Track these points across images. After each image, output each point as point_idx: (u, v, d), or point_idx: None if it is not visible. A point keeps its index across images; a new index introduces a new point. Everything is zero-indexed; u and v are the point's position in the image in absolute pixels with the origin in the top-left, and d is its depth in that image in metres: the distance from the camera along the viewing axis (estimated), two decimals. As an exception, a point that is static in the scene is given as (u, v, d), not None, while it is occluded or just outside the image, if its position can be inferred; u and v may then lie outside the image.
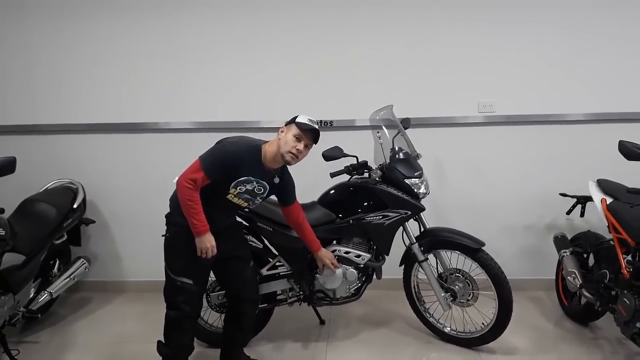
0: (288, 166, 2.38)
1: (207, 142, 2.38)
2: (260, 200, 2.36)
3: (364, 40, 3.36)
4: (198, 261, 2.26)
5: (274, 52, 3.41)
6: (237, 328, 2.56)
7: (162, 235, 2.37)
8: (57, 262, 3.28)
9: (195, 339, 2.86)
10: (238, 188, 2.22)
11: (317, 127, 2.30)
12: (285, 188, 2.43)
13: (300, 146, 2.25)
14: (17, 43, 3.50)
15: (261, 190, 2.29)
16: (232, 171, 2.18)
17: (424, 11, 3.31)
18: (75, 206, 3.23)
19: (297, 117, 2.29)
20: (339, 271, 2.71)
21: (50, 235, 2.97)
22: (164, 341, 2.41)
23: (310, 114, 3.38)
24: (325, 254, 2.63)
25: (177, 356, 2.43)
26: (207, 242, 2.21)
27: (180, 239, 2.26)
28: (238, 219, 2.66)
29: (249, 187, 2.24)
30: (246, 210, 2.65)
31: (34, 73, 3.53)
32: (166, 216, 2.37)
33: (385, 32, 3.35)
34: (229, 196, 2.24)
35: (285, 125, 2.30)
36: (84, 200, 3.35)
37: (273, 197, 2.83)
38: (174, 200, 2.28)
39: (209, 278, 2.83)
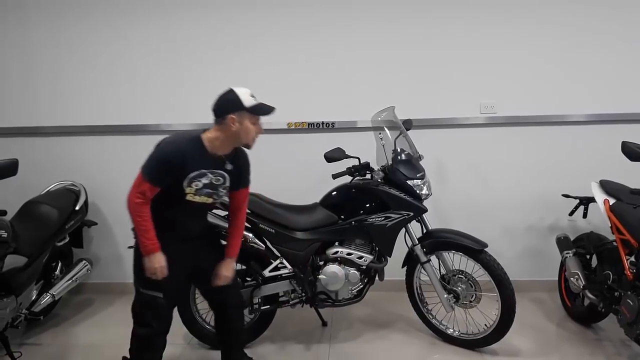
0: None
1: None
2: (225, 191, 2.22)
3: (366, 41, 3.36)
4: (170, 273, 2.13)
5: (275, 53, 3.41)
6: (229, 334, 2.50)
7: (129, 247, 2.24)
8: (59, 264, 3.28)
9: (197, 341, 2.88)
10: (194, 185, 2.08)
11: (269, 106, 2.15)
12: (239, 173, 2.27)
13: (260, 128, 2.16)
14: (18, 45, 3.51)
15: (220, 180, 2.16)
16: (178, 170, 2.03)
17: (426, 12, 3.31)
18: (77, 208, 3.23)
19: (239, 99, 2.06)
20: (341, 273, 2.70)
21: (52, 237, 2.98)
22: (129, 357, 2.29)
23: (313, 116, 3.44)
24: (227, 269, 2.33)
25: None
26: (156, 263, 2.07)
27: None
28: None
29: (205, 180, 2.10)
30: (217, 205, 2.59)
31: (36, 75, 3.54)
32: (132, 228, 2.17)
33: (387, 33, 3.35)
34: (188, 197, 2.10)
35: (230, 113, 2.05)
36: (86, 202, 3.36)
37: (274, 198, 2.86)
38: None
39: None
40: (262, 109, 2.14)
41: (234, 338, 2.52)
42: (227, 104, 2.09)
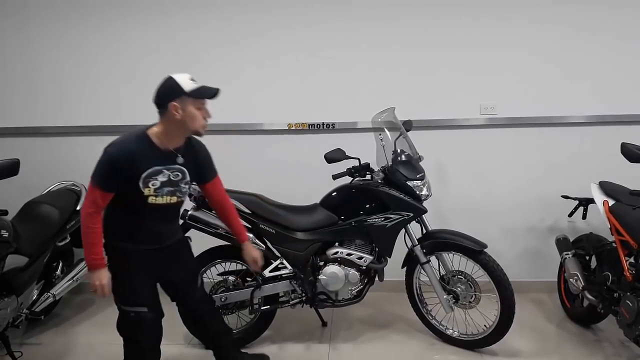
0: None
1: (209, 144, 2.35)
2: (187, 186, 2.12)
3: (366, 42, 3.37)
4: (148, 284, 2.09)
5: (275, 53, 3.42)
6: (211, 336, 2.47)
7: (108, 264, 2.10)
8: (60, 264, 3.28)
9: (198, 341, 2.89)
10: (151, 184, 1.98)
11: (212, 88, 2.03)
12: (197, 163, 2.16)
13: (207, 112, 2.05)
14: (19, 45, 3.52)
15: (179, 175, 2.06)
16: (128, 171, 1.93)
17: (426, 13, 3.32)
18: (78, 208, 3.23)
19: (178, 84, 1.96)
20: (341, 273, 2.71)
21: (53, 237, 2.98)
22: None
23: (313, 117, 3.45)
24: (253, 250, 2.37)
25: None
26: (97, 280, 1.99)
27: (125, 264, 2.06)
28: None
29: (162, 178, 2.00)
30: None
31: (37, 75, 3.55)
32: (103, 245, 2.06)
33: (387, 34, 3.35)
34: (149, 199, 2.00)
35: (171, 100, 1.94)
36: (86, 202, 3.36)
37: (275, 199, 2.86)
38: (104, 226, 2.03)
39: (211, 280, 2.85)
40: (205, 92, 2.01)
41: (218, 338, 2.49)
42: (166, 92, 1.97)
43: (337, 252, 2.75)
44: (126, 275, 2.07)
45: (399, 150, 2.78)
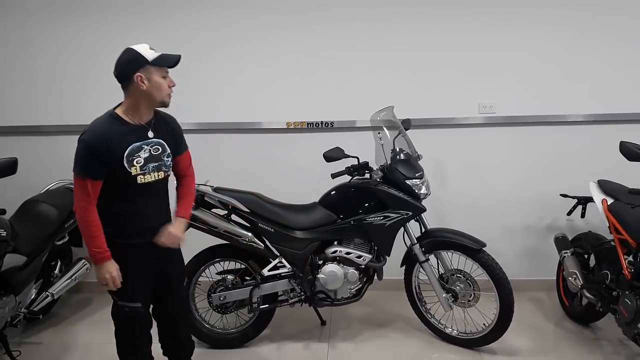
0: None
1: (207, 143, 2.38)
2: (169, 159, 2.09)
3: (365, 41, 3.36)
4: (142, 279, 2.08)
5: (274, 52, 3.41)
6: (176, 343, 2.38)
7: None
8: (59, 263, 3.28)
9: (197, 340, 2.89)
10: (135, 162, 1.95)
11: (174, 55, 2.02)
12: (172, 137, 2.14)
13: (171, 80, 2.03)
14: (18, 44, 3.51)
15: (159, 149, 2.03)
16: (109, 153, 1.90)
17: (425, 12, 3.31)
18: (76, 207, 3.23)
19: (140, 54, 1.94)
20: (340, 272, 2.71)
21: (51, 236, 2.98)
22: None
23: (312, 115, 3.45)
24: (176, 227, 2.15)
25: None
26: (107, 272, 1.96)
27: (125, 262, 2.02)
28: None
29: (144, 154, 1.97)
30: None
31: (35, 74, 3.54)
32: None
33: (386, 33, 3.35)
34: (138, 179, 1.97)
35: (135, 71, 1.93)
36: (85, 201, 3.35)
37: (274, 198, 2.86)
38: (102, 225, 1.99)
39: (210, 279, 2.85)
40: (168, 59, 1.99)
41: (180, 348, 2.41)
42: (129, 64, 1.95)
43: (336, 251, 2.75)
44: (125, 272, 2.03)
45: (397, 149, 2.78)
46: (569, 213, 3.17)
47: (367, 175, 2.80)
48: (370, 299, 3.32)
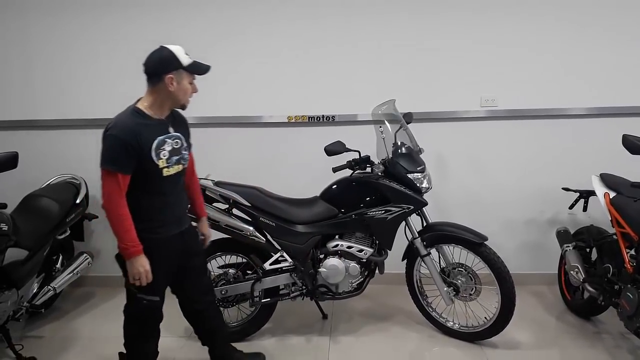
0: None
1: (208, 137, 2.37)
2: (186, 152, 2.16)
3: (366, 34, 3.35)
4: (163, 275, 2.11)
5: (275, 46, 3.40)
6: (209, 333, 2.45)
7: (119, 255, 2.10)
8: (60, 257, 3.29)
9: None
10: (161, 155, 2.00)
11: (206, 65, 2.10)
12: (187, 132, 2.22)
13: (195, 87, 2.12)
14: (17, 39, 3.50)
15: (179, 143, 2.09)
16: (137, 147, 1.94)
17: (426, 6, 3.29)
18: (77, 201, 3.23)
19: (176, 57, 2.00)
20: (341, 266, 2.71)
21: (53, 231, 2.98)
22: (126, 352, 2.27)
23: (313, 109, 3.44)
24: (206, 227, 2.41)
25: None
26: (141, 266, 1.98)
27: (151, 256, 2.04)
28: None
29: (167, 147, 2.03)
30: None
31: (35, 68, 3.53)
32: None
33: (388, 26, 3.33)
34: (164, 171, 2.02)
35: (169, 72, 1.99)
36: (86, 195, 3.36)
37: (275, 192, 2.86)
38: None
39: (212, 273, 2.85)
40: (200, 68, 2.07)
41: (217, 336, 2.47)
42: (163, 63, 1.99)
43: (337, 245, 2.74)
44: (151, 267, 2.05)
45: (399, 143, 2.77)
46: (571, 207, 3.16)
47: (368, 169, 2.79)
48: (372, 292, 3.33)
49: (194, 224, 2.39)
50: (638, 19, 3.23)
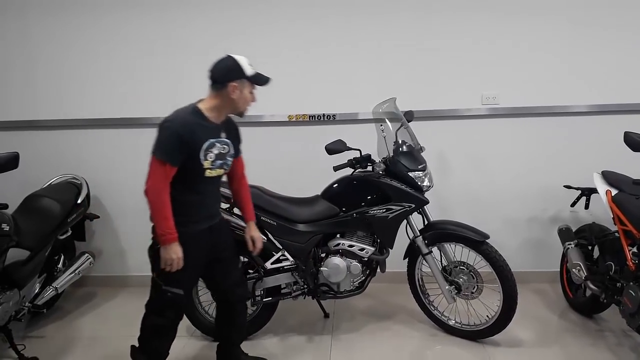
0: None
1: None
2: (231, 159, 2.24)
3: (367, 33, 3.34)
4: (190, 270, 2.15)
5: (276, 45, 3.39)
6: (231, 328, 2.48)
7: (154, 246, 2.18)
8: (62, 257, 3.29)
9: (201, 333, 2.90)
10: (208, 157, 2.09)
11: (267, 77, 2.20)
12: (237, 139, 2.31)
13: (255, 97, 2.22)
14: (18, 39, 3.50)
15: (226, 148, 2.18)
16: (190, 144, 2.04)
17: (426, 3, 3.28)
18: (79, 201, 3.24)
19: (241, 67, 2.08)
20: (343, 264, 2.71)
21: (54, 231, 2.98)
22: (139, 346, 2.29)
23: (314, 108, 3.44)
24: (254, 230, 2.44)
25: None
26: (174, 253, 2.05)
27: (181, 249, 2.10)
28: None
29: (215, 151, 2.12)
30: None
31: (36, 68, 3.53)
32: (153, 227, 2.15)
33: (388, 25, 3.32)
34: (206, 172, 2.11)
35: (232, 80, 2.07)
36: (87, 195, 3.36)
37: (276, 191, 2.86)
38: None
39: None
40: (262, 79, 2.18)
41: (236, 334, 2.52)
42: (228, 71, 2.09)
43: (338, 244, 2.74)
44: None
45: (400, 141, 2.77)
46: (573, 204, 3.15)
47: (369, 168, 2.79)
48: (373, 291, 3.33)
49: (241, 224, 2.49)
50: (639, 16, 3.22)
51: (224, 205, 2.75)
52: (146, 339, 2.27)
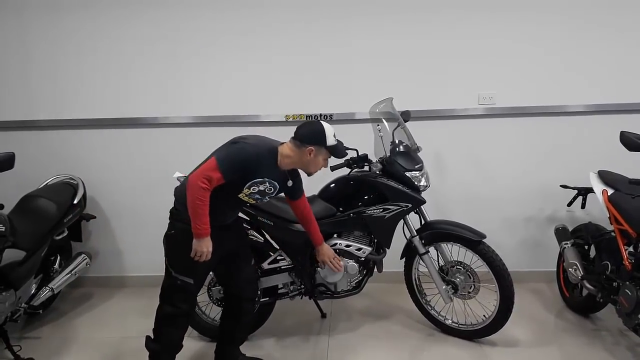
0: None
1: (205, 136, 2.37)
2: (268, 199, 2.34)
3: (363, 33, 3.34)
4: (207, 262, 2.21)
5: (272, 45, 3.39)
6: (235, 325, 2.52)
7: (169, 233, 2.28)
8: (58, 257, 3.27)
9: (198, 334, 2.89)
10: (251, 188, 2.20)
11: (345, 150, 2.35)
12: (295, 187, 2.42)
13: (327, 164, 2.35)
14: (14, 38, 3.48)
15: (271, 190, 2.27)
16: (250, 173, 2.16)
17: (423, 3, 3.29)
18: (75, 202, 3.22)
19: (324, 135, 2.22)
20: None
21: (50, 231, 2.97)
22: (153, 336, 2.35)
23: (311, 108, 3.44)
24: (327, 250, 2.59)
25: (167, 352, 2.35)
26: (205, 247, 2.15)
27: (187, 237, 2.16)
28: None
29: (261, 187, 2.22)
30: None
31: (32, 68, 3.51)
32: (171, 211, 2.29)
33: (385, 24, 3.33)
34: (240, 195, 2.22)
35: (312, 144, 2.21)
36: (84, 195, 3.35)
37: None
38: (182, 197, 2.19)
39: (210, 274, 2.84)
40: (340, 151, 2.30)
41: (239, 332, 2.54)
42: (313, 136, 2.22)
43: (335, 244, 2.73)
44: (187, 247, 2.18)
45: (397, 141, 2.77)
46: (569, 204, 3.16)
47: (366, 168, 2.78)
48: (370, 291, 3.33)
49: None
50: (637, 16, 3.23)
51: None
52: (159, 328, 2.34)
